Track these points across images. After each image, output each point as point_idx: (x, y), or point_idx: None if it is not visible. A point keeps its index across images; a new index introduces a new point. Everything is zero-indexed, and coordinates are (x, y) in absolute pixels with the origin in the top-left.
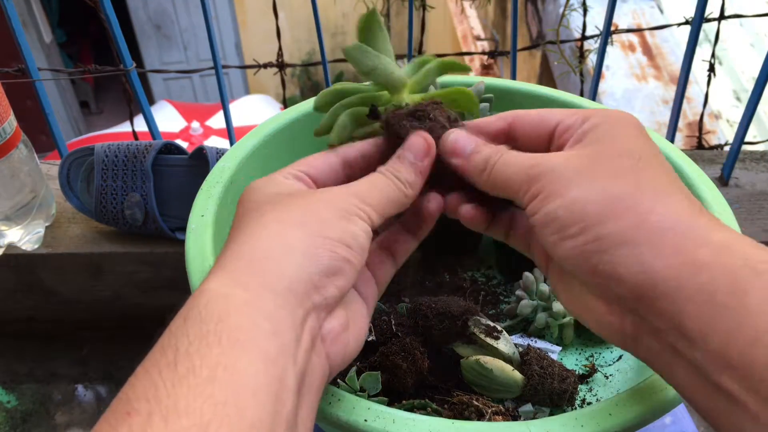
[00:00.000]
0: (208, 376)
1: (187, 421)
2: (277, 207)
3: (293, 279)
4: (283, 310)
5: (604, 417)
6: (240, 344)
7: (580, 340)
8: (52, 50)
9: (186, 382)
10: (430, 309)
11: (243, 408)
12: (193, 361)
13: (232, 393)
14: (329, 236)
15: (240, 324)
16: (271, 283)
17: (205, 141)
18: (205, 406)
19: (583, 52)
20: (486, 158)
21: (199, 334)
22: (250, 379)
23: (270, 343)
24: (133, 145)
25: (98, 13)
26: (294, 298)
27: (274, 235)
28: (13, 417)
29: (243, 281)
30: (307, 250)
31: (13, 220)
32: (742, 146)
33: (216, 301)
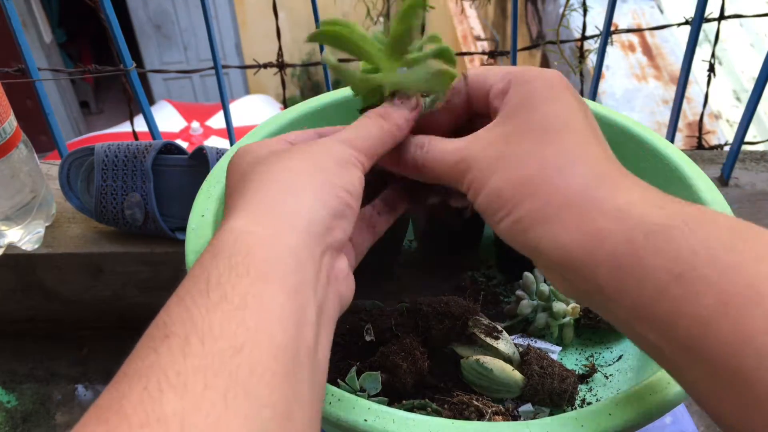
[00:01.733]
0: (239, 304)
1: (223, 343)
2: (282, 158)
3: (310, 220)
4: (304, 247)
5: (604, 417)
6: (267, 276)
7: (580, 340)
8: (52, 50)
9: (219, 308)
10: (430, 309)
11: (271, 333)
12: (224, 289)
13: (262, 319)
14: (334, 182)
15: (266, 257)
16: (292, 222)
17: (205, 141)
18: (239, 330)
19: (583, 52)
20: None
21: (229, 266)
22: (277, 308)
23: (294, 277)
24: (133, 145)
25: (98, 13)
26: (312, 238)
27: (286, 181)
28: (13, 417)
29: (265, 221)
30: (318, 194)
31: (13, 220)
32: (742, 146)
33: (243, 238)
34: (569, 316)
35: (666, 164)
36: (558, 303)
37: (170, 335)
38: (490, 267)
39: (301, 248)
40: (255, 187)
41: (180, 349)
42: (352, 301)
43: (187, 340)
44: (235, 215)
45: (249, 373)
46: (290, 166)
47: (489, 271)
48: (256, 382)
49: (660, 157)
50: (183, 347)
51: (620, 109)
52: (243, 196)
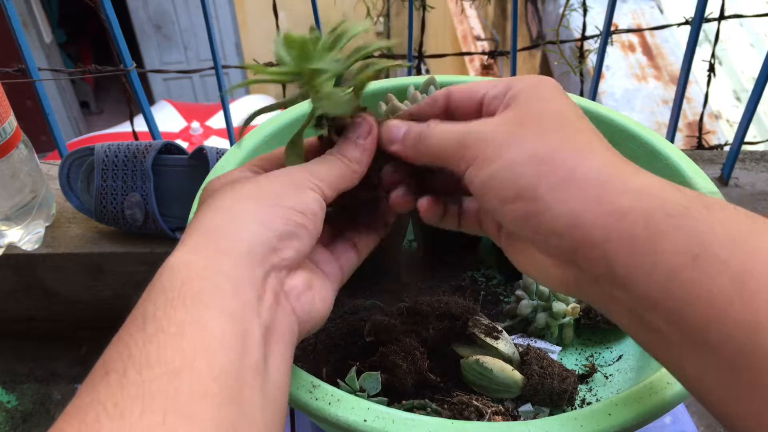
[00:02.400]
0: (176, 332)
1: (159, 370)
2: (233, 187)
3: (251, 242)
4: (242, 271)
5: (603, 417)
6: (204, 303)
7: (579, 340)
8: (52, 50)
9: (156, 339)
10: (430, 309)
11: (211, 357)
12: (160, 322)
13: (200, 344)
14: (283, 204)
15: (202, 287)
16: (229, 248)
17: (205, 141)
18: (176, 356)
19: (583, 52)
20: (418, 133)
21: (165, 300)
22: (216, 331)
23: (232, 301)
24: (133, 145)
25: (98, 13)
26: (252, 260)
27: (229, 208)
28: (13, 417)
29: (202, 250)
30: (262, 218)
31: (14, 220)
32: (742, 146)
33: (178, 269)
34: (569, 316)
35: (666, 164)
36: (558, 303)
37: (109, 371)
38: (490, 267)
39: (240, 272)
40: (199, 218)
41: (118, 382)
42: (354, 300)
43: (125, 373)
44: (176, 249)
45: (188, 396)
46: (239, 194)
47: (489, 271)
48: (196, 404)
49: (660, 156)
50: (121, 380)
51: (620, 109)
52: (188, 228)
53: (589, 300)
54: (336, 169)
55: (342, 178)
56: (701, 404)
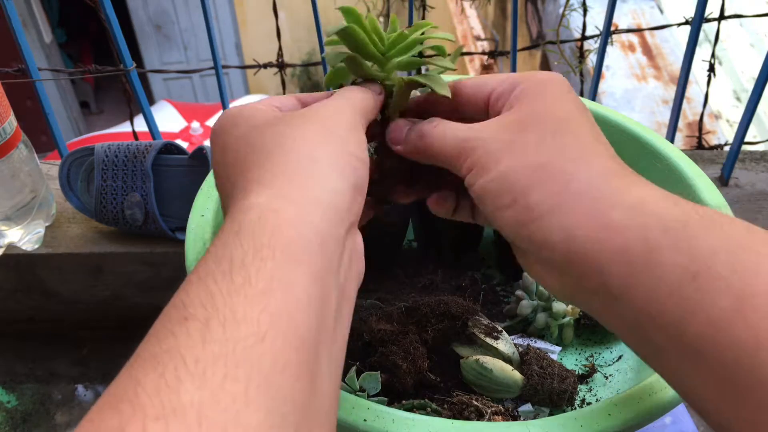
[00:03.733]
0: (263, 288)
1: (246, 329)
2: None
3: (334, 193)
4: (329, 225)
5: (603, 417)
6: (293, 259)
7: (579, 340)
8: (52, 50)
9: (243, 292)
10: (430, 309)
11: (295, 321)
12: (248, 271)
13: (285, 306)
14: (349, 152)
15: (292, 238)
16: (316, 197)
17: (205, 141)
18: (262, 316)
19: (583, 52)
20: (419, 132)
21: (254, 247)
22: (302, 295)
23: (319, 259)
24: (133, 145)
25: (98, 13)
26: (336, 214)
27: (304, 151)
28: (13, 417)
29: (289, 195)
30: (337, 166)
31: (13, 220)
32: (742, 146)
33: (267, 216)
34: (569, 316)
35: (666, 164)
36: (558, 303)
37: (189, 318)
38: (490, 267)
39: (326, 226)
40: (271, 159)
41: (200, 334)
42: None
43: (207, 324)
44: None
45: (271, 365)
46: (304, 134)
47: (489, 271)
48: (278, 374)
49: (660, 157)
50: (203, 331)
51: (620, 109)
52: (260, 166)
53: (587, 310)
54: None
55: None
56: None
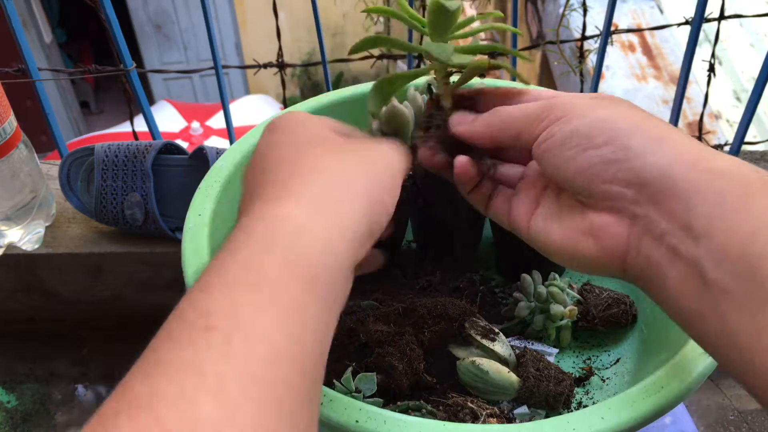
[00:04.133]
0: (287, 309)
1: (264, 349)
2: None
3: (355, 231)
4: (347, 259)
5: (596, 420)
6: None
7: (577, 342)
8: (52, 50)
9: (268, 311)
10: (427, 310)
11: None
12: (276, 290)
13: (301, 330)
14: (384, 201)
15: (317, 262)
16: (346, 226)
17: (205, 141)
18: (282, 338)
19: (583, 52)
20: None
21: (286, 263)
22: (313, 323)
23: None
24: (133, 145)
25: (98, 13)
26: (353, 250)
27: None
28: (13, 417)
29: (321, 219)
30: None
31: (14, 220)
32: (742, 146)
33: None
34: (566, 319)
35: None
36: (555, 305)
37: (212, 329)
38: (489, 269)
39: (344, 260)
40: (311, 176)
41: (221, 347)
42: (348, 302)
43: (230, 338)
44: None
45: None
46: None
47: (487, 273)
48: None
49: None
50: (225, 346)
51: None
52: (299, 177)
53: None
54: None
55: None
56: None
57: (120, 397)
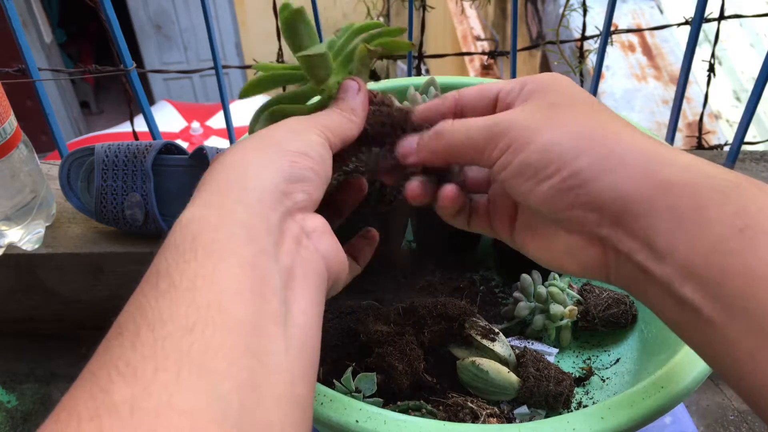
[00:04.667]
0: (188, 287)
1: (172, 326)
2: (238, 146)
3: (261, 189)
4: (255, 217)
5: (596, 420)
6: (216, 254)
7: (577, 342)
8: (52, 50)
9: (168, 295)
10: (427, 310)
11: (226, 308)
12: (172, 277)
13: (214, 296)
14: (287, 149)
15: (214, 237)
16: (239, 197)
17: (206, 141)
18: (189, 310)
19: (583, 52)
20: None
21: (176, 254)
22: (231, 282)
23: (247, 248)
24: (133, 145)
25: (98, 14)
26: (264, 205)
27: (234, 161)
28: (13, 417)
29: (213, 202)
30: (268, 164)
31: (14, 220)
32: (742, 146)
33: (189, 224)
34: (566, 319)
35: None
36: (555, 305)
37: (123, 332)
38: (489, 269)
39: (253, 219)
40: (206, 177)
41: (131, 342)
42: (348, 302)
43: (137, 332)
44: (187, 206)
45: (203, 351)
46: (243, 147)
47: (487, 273)
48: (211, 357)
49: None
50: (133, 340)
51: (620, 110)
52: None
53: (614, 280)
54: (336, 117)
55: (342, 126)
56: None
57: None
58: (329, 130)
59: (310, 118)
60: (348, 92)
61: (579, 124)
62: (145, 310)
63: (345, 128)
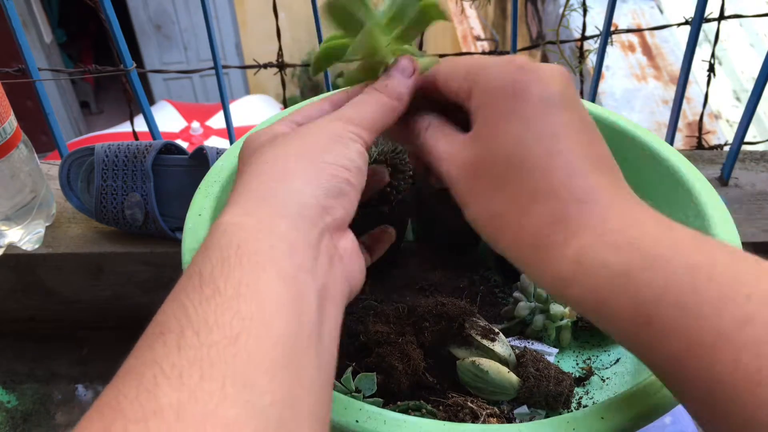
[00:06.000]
0: (233, 294)
1: (218, 334)
2: (275, 144)
3: (302, 203)
4: (297, 232)
5: (596, 420)
6: (260, 265)
7: (577, 342)
8: (52, 50)
9: (213, 301)
10: (427, 310)
11: (268, 322)
12: (217, 282)
13: (257, 308)
14: (327, 161)
15: (258, 248)
16: (281, 210)
17: (206, 141)
18: (234, 320)
19: (583, 52)
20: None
21: (221, 259)
22: (273, 295)
23: (288, 262)
24: (133, 145)
25: (98, 13)
26: (305, 221)
27: (275, 167)
28: (13, 417)
29: (255, 211)
30: (310, 177)
31: (14, 220)
32: (742, 146)
33: (232, 230)
34: (566, 319)
35: (665, 167)
36: (555, 305)
37: (165, 332)
38: (489, 268)
39: (294, 233)
40: (247, 179)
41: (175, 343)
42: (348, 302)
43: (182, 333)
44: (227, 209)
45: (246, 362)
46: (283, 152)
47: (487, 273)
48: (253, 370)
49: (659, 159)
50: (178, 341)
51: (620, 110)
52: (236, 188)
53: None
54: (373, 108)
55: (382, 117)
56: None
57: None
58: (367, 129)
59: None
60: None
61: (492, 202)
62: (188, 312)
63: (384, 119)
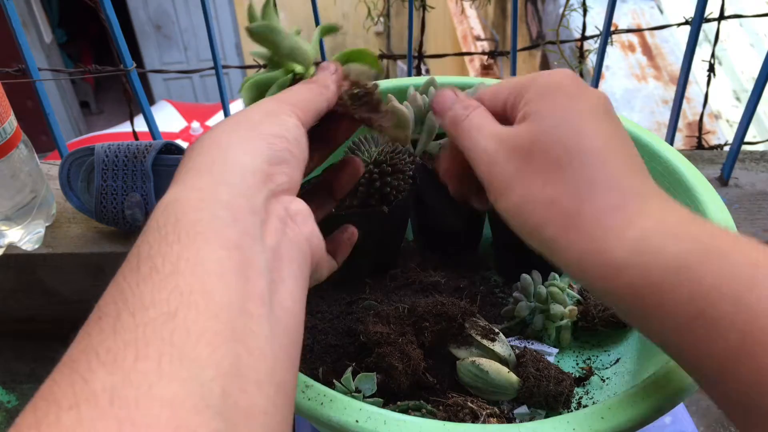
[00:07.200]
0: (171, 271)
1: (154, 312)
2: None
3: (244, 170)
4: (239, 198)
5: (596, 420)
6: (200, 236)
7: (577, 342)
8: (52, 50)
9: (150, 280)
10: (427, 310)
11: (210, 292)
12: (154, 260)
13: (197, 280)
14: (264, 132)
15: (198, 218)
16: (222, 179)
17: None
18: (171, 296)
19: (583, 52)
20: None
21: (158, 238)
22: (214, 265)
23: (231, 230)
24: (133, 145)
25: (98, 14)
26: (248, 187)
27: (213, 144)
28: (13, 417)
29: (195, 184)
30: (247, 147)
31: (14, 220)
32: (742, 146)
33: (171, 206)
34: (567, 319)
35: (666, 167)
36: (555, 305)
37: (102, 317)
38: (489, 269)
39: (237, 199)
40: (185, 161)
41: (111, 327)
42: (351, 300)
43: (118, 317)
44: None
45: (185, 337)
46: (220, 131)
47: (488, 273)
48: (193, 344)
49: (659, 159)
50: (114, 325)
51: (620, 110)
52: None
53: None
54: (304, 90)
55: (313, 98)
56: None
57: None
58: (300, 108)
59: (282, 99)
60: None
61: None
62: (125, 295)
63: (316, 101)
